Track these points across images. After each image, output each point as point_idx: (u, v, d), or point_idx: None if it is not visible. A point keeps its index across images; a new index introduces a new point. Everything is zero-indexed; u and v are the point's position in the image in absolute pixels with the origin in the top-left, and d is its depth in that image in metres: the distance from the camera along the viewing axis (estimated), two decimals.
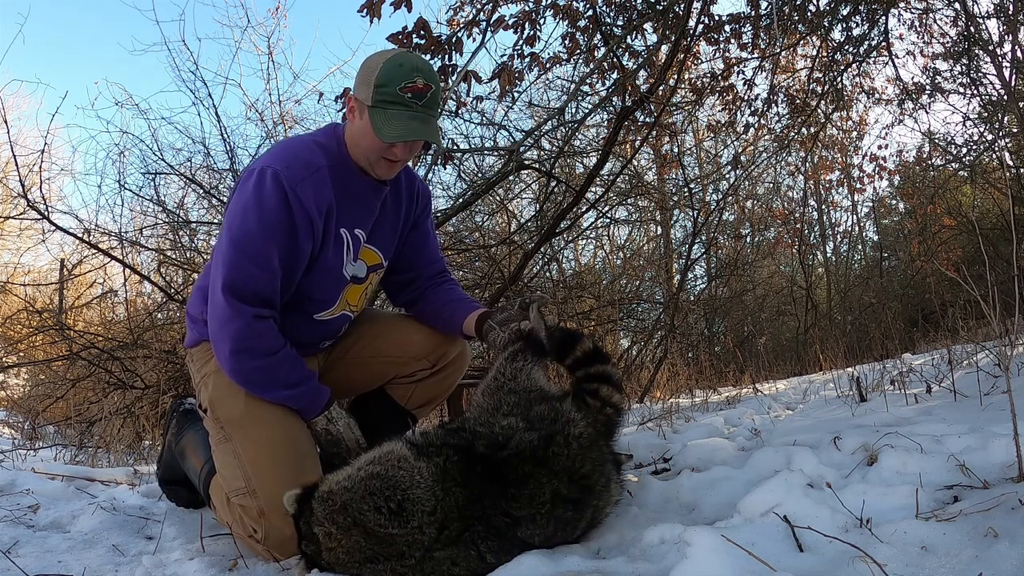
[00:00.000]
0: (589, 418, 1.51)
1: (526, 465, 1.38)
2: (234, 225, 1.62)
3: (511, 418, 1.48)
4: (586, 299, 6.70)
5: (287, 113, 6.22)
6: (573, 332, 1.75)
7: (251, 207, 1.59)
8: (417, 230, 1.96)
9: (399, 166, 1.74)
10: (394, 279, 2.00)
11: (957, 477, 1.44)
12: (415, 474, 1.36)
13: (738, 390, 4.87)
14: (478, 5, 3.97)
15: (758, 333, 9.16)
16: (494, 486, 1.35)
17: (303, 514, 1.40)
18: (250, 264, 1.60)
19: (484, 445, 1.42)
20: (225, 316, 1.60)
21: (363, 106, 1.62)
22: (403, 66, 1.60)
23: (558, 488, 1.37)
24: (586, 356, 1.68)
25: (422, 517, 1.31)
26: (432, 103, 1.64)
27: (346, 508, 1.34)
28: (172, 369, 4.51)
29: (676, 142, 6.74)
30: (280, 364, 1.65)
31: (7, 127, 4.16)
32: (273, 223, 1.59)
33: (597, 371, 1.66)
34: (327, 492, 1.38)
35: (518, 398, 1.54)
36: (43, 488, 2.18)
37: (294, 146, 1.70)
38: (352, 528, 1.33)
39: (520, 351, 1.63)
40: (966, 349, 3.68)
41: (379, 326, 2.00)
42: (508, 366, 1.61)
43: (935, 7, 5.68)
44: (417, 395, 2.01)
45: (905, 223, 10.22)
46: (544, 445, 1.41)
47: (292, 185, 1.59)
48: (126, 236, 5.46)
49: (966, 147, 7.11)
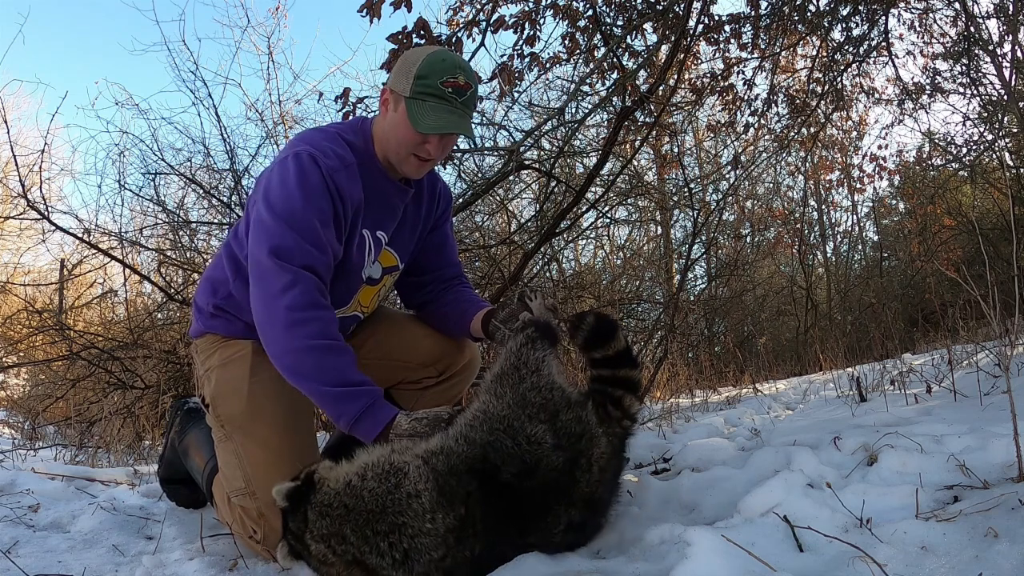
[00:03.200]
0: (609, 433, 1.43)
1: (549, 496, 1.31)
2: (275, 199, 1.52)
3: (539, 425, 1.36)
4: (586, 299, 6.69)
5: (287, 113, 6.21)
6: (610, 322, 1.55)
7: (294, 182, 1.52)
8: (437, 232, 1.91)
9: (428, 167, 1.68)
10: (410, 280, 1.95)
11: (957, 477, 1.44)
12: (426, 520, 1.24)
13: (738, 390, 4.87)
14: (478, 5, 3.97)
15: (758, 333, 9.16)
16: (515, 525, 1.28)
17: (295, 515, 1.31)
18: (297, 235, 1.49)
19: (512, 472, 1.30)
20: (279, 284, 1.46)
21: (399, 97, 1.58)
22: (445, 61, 1.57)
23: (572, 517, 1.33)
24: (618, 356, 1.52)
25: (429, 565, 1.23)
26: (470, 102, 1.60)
27: (346, 540, 1.24)
28: (172, 369, 4.51)
29: (676, 142, 6.73)
30: (342, 351, 1.48)
31: (7, 127, 4.18)
32: (318, 199, 1.52)
33: (625, 376, 1.51)
34: (326, 505, 1.28)
35: (543, 398, 1.40)
36: (43, 488, 2.18)
37: (325, 137, 1.63)
38: (353, 565, 1.24)
39: (537, 337, 1.48)
40: (966, 349, 3.68)
41: (388, 328, 1.96)
42: (528, 353, 1.44)
43: (935, 7, 5.68)
44: (423, 404, 1.96)
45: (905, 223, 10.21)
46: (568, 469, 1.33)
47: (329, 172, 1.55)
48: (126, 236, 5.46)
49: (966, 147, 7.11)
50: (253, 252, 1.54)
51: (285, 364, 1.49)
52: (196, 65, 6.61)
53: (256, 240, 1.53)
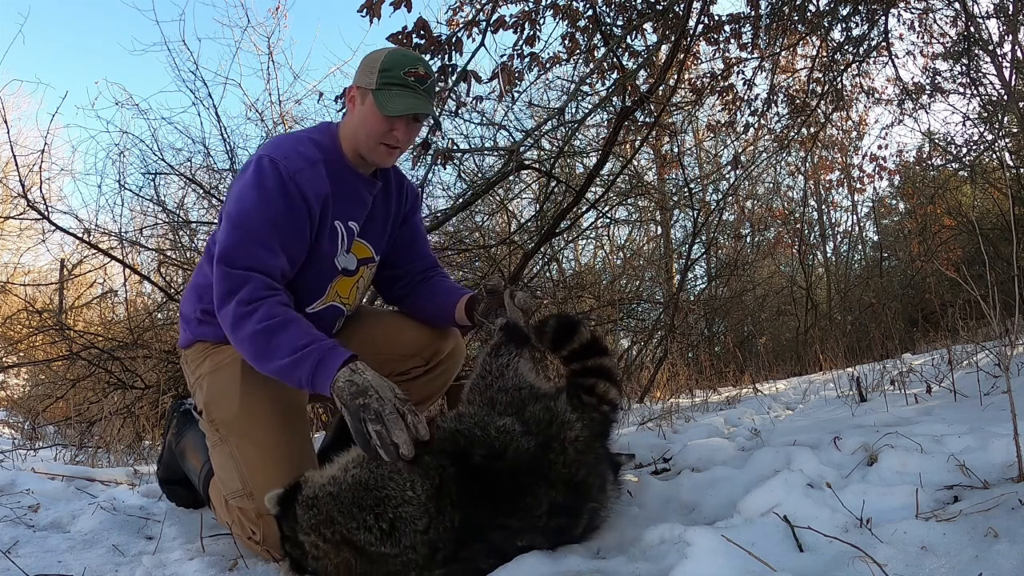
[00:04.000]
0: (584, 419, 1.47)
1: (523, 476, 1.35)
2: (232, 207, 1.62)
3: (507, 418, 1.44)
4: (586, 299, 6.69)
5: (287, 113, 6.21)
6: (570, 319, 1.65)
7: (249, 189, 1.61)
8: (407, 225, 1.99)
9: (397, 154, 1.78)
10: (385, 275, 2.02)
11: (957, 477, 1.44)
12: (407, 489, 1.30)
13: (738, 390, 4.87)
14: (478, 5, 3.97)
15: (758, 333, 9.15)
16: (490, 503, 1.31)
17: (287, 517, 1.34)
18: (249, 241, 1.58)
19: (482, 454, 1.36)
20: (227, 287, 1.55)
21: (366, 91, 1.69)
22: (406, 56, 1.72)
23: (554, 498, 1.35)
24: (584, 348, 1.60)
25: (414, 536, 1.27)
26: (431, 89, 1.73)
27: (333, 522, 1.28)
28: (172, 369, 4.51)
29: (676, 142, 6.74)
30: (286, 325, 1.52)
31: (7, 127, 4.16)
32: (272, 202, 1.60)
33: (595, 365, 1.59)
34: (311, 498, 1.32)
35: (510, 397, 1.50)
36: (43, 488, 2.18)
37: (290, 140, 1.73)
38: (342, 545, 1.27)
39: (502, 344, 1.58)
40: (966, 349, 3.68)
41: (373, 324, 2.01)
42: (492, 362, 1.56)
43: (935, 7, 5.68)
44: (412, 393, 2.00)
45: (905, 223, 10.21)
46: (541, 452, 1.38)
47: (290, 173, 1.62)
48: (126, 236, 5.46)
49: (966, 147, 7.13)
50: (216, 260, 1.61)
51: (248, 354, 1.54)
52: (196, 65, 6.62)
53: (218, 247, 1.62)
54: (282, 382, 1.55)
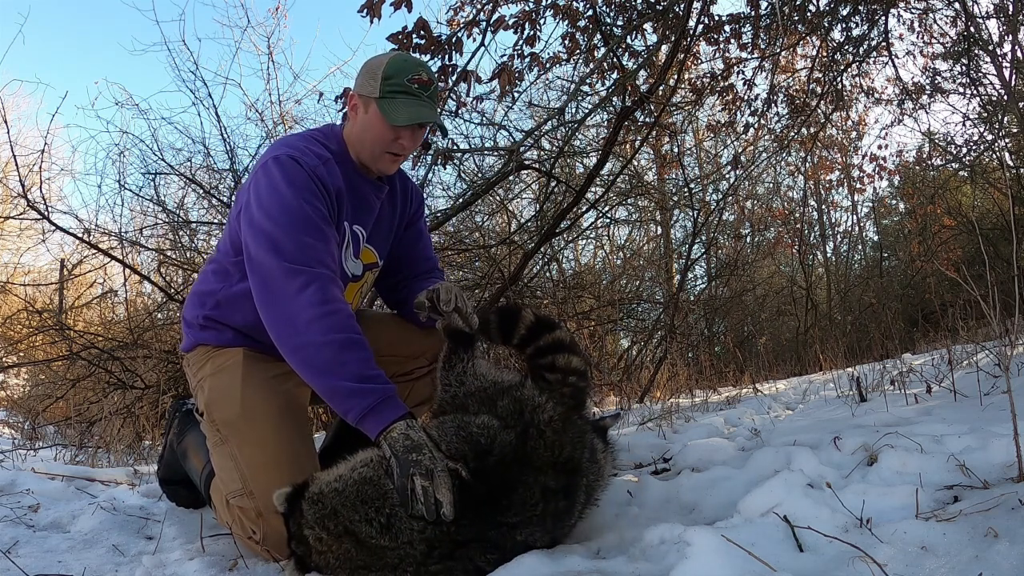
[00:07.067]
0: (555, 396, 1.47)
1: (510, 469, 1.35)
2: (268, 203, 1.55)
3: (482, 416, 1.44)
4: (586, 299, 6.69)
5: (287, 113, 6.21)
6: (509, 308, 1.65)
7: (283, 184, 1.56)
8: (411, 229, 1.98)
9: (401, 160, 1.77)
10: (388, 280, 2.01)
11: (957, 477, 1.45)
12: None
13: (738, 390, 4.87)
14: (478, 5, 3.97)
15: (758, 333, 9.15)
16: (483, 505, 1.31)
17: (293, 514, 1.37)
18: (299, 234, 1.52)
19: (472, 458, 1.36)
20: (294, 286, 1.47)
21: (369, 100, 1.66)
22: (407, 62, 1.69)
23: (546, 483, 1.35)
24: (531, 330, 1.60)
25: (411, 534, 1.28)
26: (434, 95, 1.70)
27: (336, 514, 1.31)
28: (172, 369, 4.51)
29: (676, 142, 6.74)
30: (358, 346, 1.47)
31: (7, 127, 4.16)
32: (310, 195, 1.57)
33: (547, 341, 1.58)
34: (317, 494, 1.35)
35: (480, 397, 1.50)
36: (43, 488, 2.18)
37: (300, 139, 1.71)
38: (343, 536, 1.30)
39: (451, 353, 1.57)
40: (966, 349, 3.68)
41: (375, 328, 1.97)
42: (449, 375, 1.55)
43: (935, 7, 5.67)
44: (416, 393, 2.01)
45: (905, 223, 10.21)
46: (521, 443, 1.38)
47: (311, 167, 1.61)
48: (126, 236, 5.46)
49: (966, 147, 7.13)
50: (259, 260, 1.54)
51: (300, 359, 1.48)
52: (196, 65, 6.62)
53: (259, 247, 1.54)
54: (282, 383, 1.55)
